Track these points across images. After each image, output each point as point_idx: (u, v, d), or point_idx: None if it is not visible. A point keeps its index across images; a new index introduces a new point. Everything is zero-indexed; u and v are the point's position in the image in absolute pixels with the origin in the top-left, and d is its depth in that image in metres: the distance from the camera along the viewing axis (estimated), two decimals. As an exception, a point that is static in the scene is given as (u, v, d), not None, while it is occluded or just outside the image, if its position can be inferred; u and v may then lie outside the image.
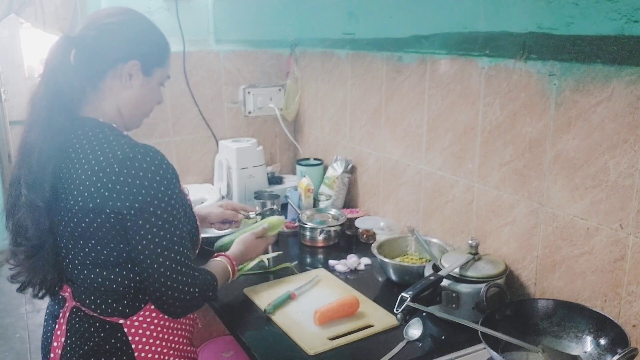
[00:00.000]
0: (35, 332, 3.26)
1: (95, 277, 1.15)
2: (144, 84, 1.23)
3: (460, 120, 1.63)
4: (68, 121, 1.15)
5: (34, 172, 1.11)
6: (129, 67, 1.19)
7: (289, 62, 2.52)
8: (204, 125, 2.42)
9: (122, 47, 1.19)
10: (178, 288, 1.14)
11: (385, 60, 1.93)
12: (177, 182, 1.16)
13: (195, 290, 1.17)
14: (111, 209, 1.08)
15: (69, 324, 1.20)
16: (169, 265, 1.13)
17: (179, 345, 1.26)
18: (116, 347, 1.18)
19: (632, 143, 1.17)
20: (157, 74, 1.26)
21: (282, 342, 1.34)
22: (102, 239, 1.12)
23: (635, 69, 1.14)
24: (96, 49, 1.18)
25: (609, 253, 1.25)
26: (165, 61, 1.28)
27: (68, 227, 1.13)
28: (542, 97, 1.36)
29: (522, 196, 1.46)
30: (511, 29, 1.42)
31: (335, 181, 2.16)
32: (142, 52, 1.21)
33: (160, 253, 1.12)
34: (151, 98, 1.28)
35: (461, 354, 1.31)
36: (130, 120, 1.26)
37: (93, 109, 1.20)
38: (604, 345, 1.19)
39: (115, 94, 1.21)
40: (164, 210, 1.11)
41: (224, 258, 1.41)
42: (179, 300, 1.16)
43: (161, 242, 1.11)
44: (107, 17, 1.20)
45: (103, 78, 1.20)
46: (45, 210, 1.12)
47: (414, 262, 1.69)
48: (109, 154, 1.10)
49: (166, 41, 1.28)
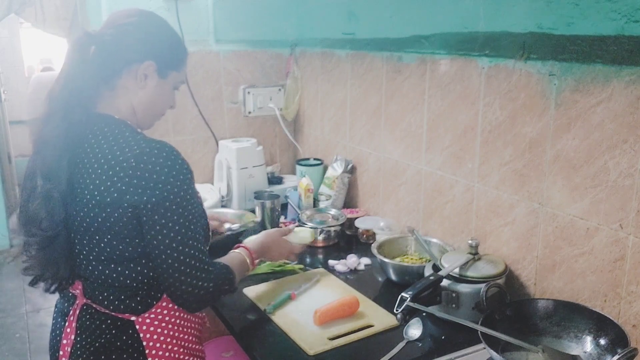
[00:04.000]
0: (35, 332, 3.26)
1: (110, 273, 1.16)
2: (158, 86, 1.25)
3: (460, 120, 1.63)
4: (84, 116, 1.17)
5: (50, 164, 1.13)
6: (145, 68, 1.21)
7: (289, 62, 2.52)
8: (204, 125, 2.42)
9: (139, 47, 1.21)
10: (192, 283, 1.15)
11: (385, 60, 1.93)
12: (191, 178, 1.17)
13: (210, 285, 1.18)
14: (128, 204, 1.09)
15: (79, 322, 1.20)
16: (183, 260, 1.14)
17: (188, 344, 1.26)
18: (127, 344, 1.18)
19: (632, 143, 1.17)
20: (172, 77, 1.28)
21: (282, 342, 1.34)
22: (117, 233, 1.12)
23: (635, 69, 1.14)
24: (113, 48, 1.20)
25: (609, 253, 1.25)
26: (181, 66, 1.30)
27: (84, 221, 1.14)
28: (542, 97, 1.36)
29: (522, 196, 1.46)
30: (511, 29, 1.42)
31: (335, 181, 2.16)
32: (159, 54, 1.23)
33: (175, 248, 1.13)
34: (164, 100, 1.30)
35: (461, 354, 1.31)
36: (143, 120, 1.27)
37: (108, 106, 1.21)
38: (603, 345, 1.19)
39: (130, 93, 1.23)
40: (180, 205, 1.12)
41: (243, 250, 1.42)
42: (194, 295, 1.16)
43: (176, 237, 1.12)
44: (126, 17, 1.22)
45: (119, 76, 1.21)
46: (61, 201, 1.13)
47: (414, 262, 1.69)
48: (125, 149, 1.12)
49: (183, 47, 1.30)
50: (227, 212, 2.11)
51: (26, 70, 6.59)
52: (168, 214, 1.11)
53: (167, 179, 1.10)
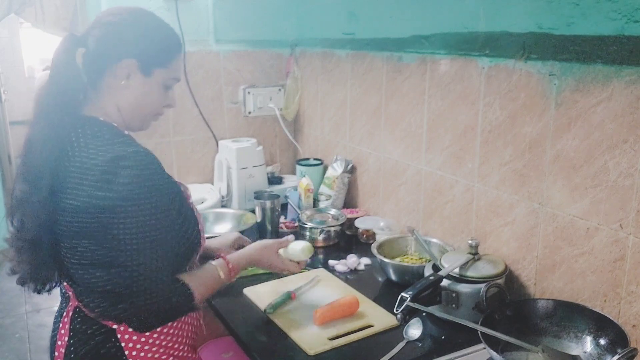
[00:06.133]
0: (35, 332, 3.26)
1: (90, 278, 1.13)
2: (143, 84, 1.20)
3: (460, 120, 1.63)
4: (69, 119, 1.14)
5: (31, 168, 1.12)
6: (125, 66, 1.17)
7: (289, 62, 2.52)
8: (204, 126, 2.42)
9: (119, 45, 1.17)
10: (145, 296, 1.10)
11: (385, 60, 1.93)
12: (165, 188, 1.13)
13: (155, 301, 1.11)
14: (95, 208, 1.06)
15: (72, 324, 1.19)
16: (131, 267, 1.08)
17: (180, 352, 1.24)
18: (110, 353, 1.15)
19: (632, 143, 1.17)
20: (159, 74, 1.21)
21: (282, 342, 1.34)
22: (93, 238, 1.09)
23: (635, 69, 1.14)
24: (97, 48, 1.17)
25: (609, 253, 1.25)
26: (168, 62, 1.22)
27: (63, 226, 1.11)
28: (542, 97, 1.36)
29: (522, 196, 1.46)
30: (511, 29, 1.42)
31: (335, 181, 2.16)
32: (140, 51, 1.18)
33: (130, 256, 1.08)
34: (153, 100, 1.23)
35: (461, 354, 1.31)
36: (131, 120, 1.23)
37: (95, 108, 1.19)
38: (603, 345, 1.19)
39: (114, 93, 1.19)
40: (140, 212, 1.07)
41: (220, 262, 1.31)
42: (143, 310, 1.11)
43: (133, 245, 1.07)
44: (110, 16, 1.19)
45: (102, 76, 1.18)
46: (40, 206, 1.10)
47: (414, 262, 1.69)
48: (99, 153, 1.09)
49: (174, 42, 1.24)
50: (227, 212, 2.12)
51: (26, 70, 6.59)
52: (127, 219, 1.07)
53: (132, 184, 1.06)
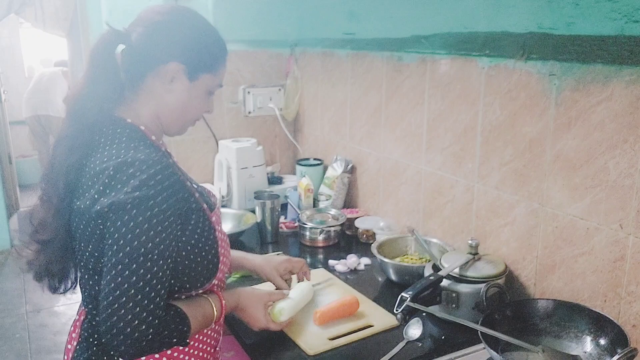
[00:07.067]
0: (36, 333, 3.26)
1: (94, 285, 1.09)
2: (189, 90, 1.13)
3: (460, 120, 1.63)
4: (98, 119, 1.09)
5: (55, 168, 1.08)
6: (171, 69, 1.10)
7: (289, 62, 2.52)
8: (204, 125, 2.41)
9: (166, 47, 1.10)
10: (126, 319, 0.94)
11: (385, 60, 1.93)
12: (171, 204, 1.01)
13: (149, 331, 0.96)
14: (95, 212, 1.00)
15: (82, 328, 1.16)
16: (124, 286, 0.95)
17: None
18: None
19: (632, 143, 1.17)
20: (205, 80, 1.15)
21: (282, 342, 1.34)
22: (95, 244, 1.04)
23: (635, 69, 1.14)
24: (140, 48, 1.10)
25: (609, 253, 1.25)
26: (216, 68, 1.16)
27: (78, 228, 1.07)
28: (542, 97, 1.36)
29: (522, 196, 1.46)
30: (511, 29, 1.42)
31: (335, 181, 2.16)
32: (189, 54, 1.11)
33: (118, 267, 0.96)
34: (196, 105, 1.16)
35: (461, 354, 1.31)
36: (170, 126, 1.16)
37: (128, 109, 1.12)
38: (603, 345, 1.19)
39: (155, 97, 1.12)
40: (138, 218, 0.97)
41: (215, 299, 1.17)
42: (124, 334, 0.95)
43: (124, 256, 0.96)
44: (157, 14, 1.12)
45: (143, 77, 1.11)
46: (57, 207, 1.08)
47: (414, 262, 1.69)
48: (111, 157, 1.03)
49: (221, 47, 1.18)
50: (227, 212, 2.12)
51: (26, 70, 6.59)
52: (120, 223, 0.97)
53: (133, 188, 0.97)
